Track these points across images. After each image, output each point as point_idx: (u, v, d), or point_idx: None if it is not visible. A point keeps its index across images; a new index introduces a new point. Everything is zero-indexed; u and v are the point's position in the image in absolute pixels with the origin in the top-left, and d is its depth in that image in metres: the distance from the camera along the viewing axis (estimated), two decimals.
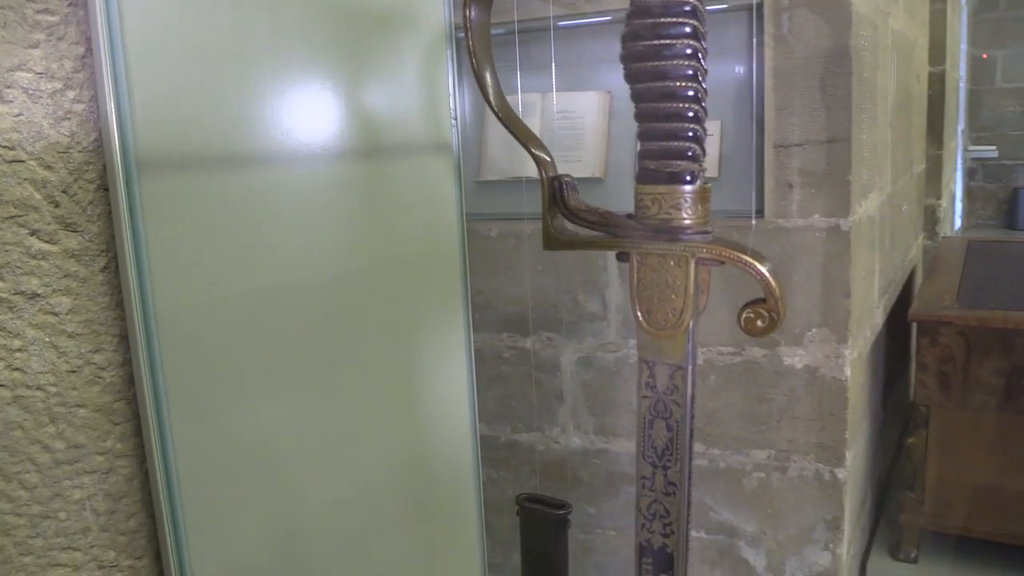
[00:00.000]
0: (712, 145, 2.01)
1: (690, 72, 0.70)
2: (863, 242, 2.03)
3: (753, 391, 2.02)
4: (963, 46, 5.31)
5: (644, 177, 0.70)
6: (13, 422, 0.60)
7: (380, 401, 1.01)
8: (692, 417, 0.70)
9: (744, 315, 0.70)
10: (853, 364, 1.97)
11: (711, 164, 1.99)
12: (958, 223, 5.34)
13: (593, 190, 2.09)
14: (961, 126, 5.47)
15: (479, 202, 2.19)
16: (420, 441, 1.10)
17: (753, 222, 1.93)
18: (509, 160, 2.16)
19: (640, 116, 0.74)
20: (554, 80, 2.11)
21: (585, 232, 0.76)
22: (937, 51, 3.84)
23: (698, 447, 2.07)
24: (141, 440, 0.69)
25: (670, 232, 0.69)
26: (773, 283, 0.67)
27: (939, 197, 4.09)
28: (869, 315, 2.23)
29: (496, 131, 2.18)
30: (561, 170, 2.17)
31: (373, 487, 0.99)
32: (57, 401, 0.64)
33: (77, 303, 0.65)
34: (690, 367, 0.70)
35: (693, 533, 2.14)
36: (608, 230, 0.73)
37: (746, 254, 0.68)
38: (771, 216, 1.93)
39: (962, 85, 5.40)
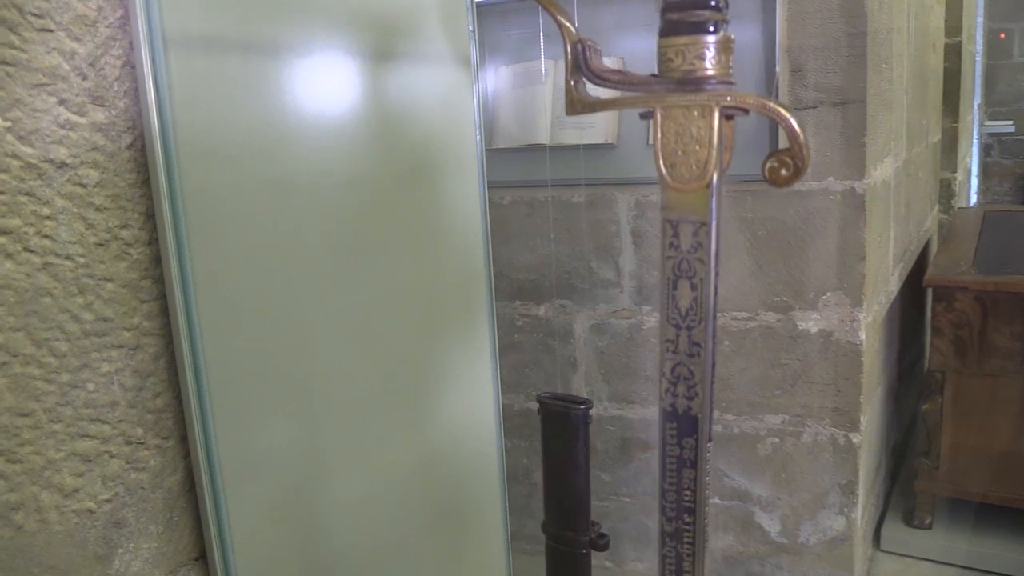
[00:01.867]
0: None
1: None
2: (878, 206, 2.02)
3: (767, 356, 2.02)
4: (979, 19, 5.25)
5: (666, 30, 0.69)
6: (43, 288, 0.62)
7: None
8: (716, 275, 0.70)
9: (768, 164, 0.69)
10: (868, 328, 1.97)
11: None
12: (974, 199, 5.29)
13: (605, 156, 2.09)
14: (977, 100, 5.41)
15: (491, 170, 2.17)
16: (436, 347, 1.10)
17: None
18: (520, 128, 2.16)
19: None
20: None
21: (607, 94, 0.76)
22: (953, 22, 3.80)
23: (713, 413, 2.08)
24: (167, 320, 0.70)
25: (694, 83, 0.68)
26: (798, 129, 0.67)
27: (955, 171, 4.05)
28: (884, 281, 2.21)
29: (507, 99, 2.18)
30: (573, 137, 2.17)
31: (388, 392, 0.99)
32: (85, 272, 0.65)
33: (104, 177, 0.67)
34: (714, 223, 0.70)
35: None
36: (631, 87, 0.72)
37: (770, 102, 0.68)
38: None
39: (978, 60, 5.34)
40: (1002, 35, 5.81)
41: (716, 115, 0.68)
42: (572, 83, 0.77)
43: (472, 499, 1.29)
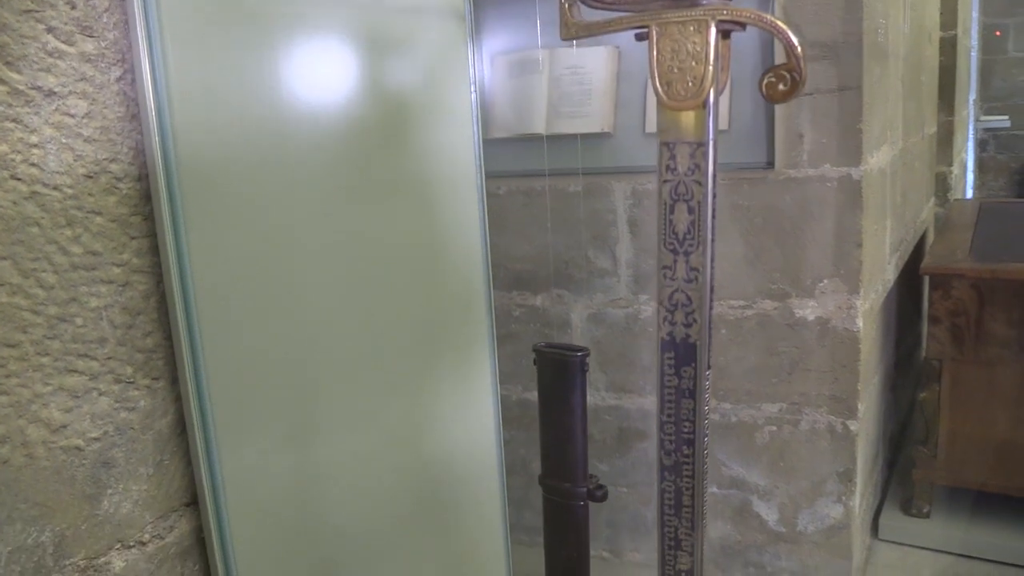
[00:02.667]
0: (722, 97, 1.99)
1: None
2: (875, 193, 2.02)
3: (764, 344, 2.02)
4: (975, 14, 5.25)
5: None
6: (30, 218, 0.61)
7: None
8: (714, 196, 0.70)
9: (766, 80, 0.69)
10: (865, 316, 1.96)
11: (721, 118, 1.98)
12: (970, 193, 5.29)
13: (602, 144, 2.08)
14: (973, 96, 5.42)
15: (487, 160, 2.17)
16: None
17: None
18: (516, 118, 2.15)
19: None
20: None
21: (602, 16, 0.75)
22: (949, 16, 3.81)
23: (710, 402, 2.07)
24: (158, 258, 0.70)
25: None
26: (795, 41, 0.66)
27: (950, 164, 4.06)
28: (881, 269, 2.21)
29: (503, 89, 2.17)
30: (570, 126, 2.16)
31: (384, 354, 0.98)
32: (74, 204, 0.64)
33: (93, 108, 0.66)
34: (711, 144, 0.69)
35: None
36: (627, 7, 0.71)
37: (767, 15, 0.68)
38: (781, 167, 1.92)
39: (974, 54, 5.35)
40: (997, 32, 5.82)
41: (712, 30, 0.68)
42: (567, 6, 0.76)
43: (470, 489, 1.29)
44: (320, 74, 0.87)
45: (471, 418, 1.23)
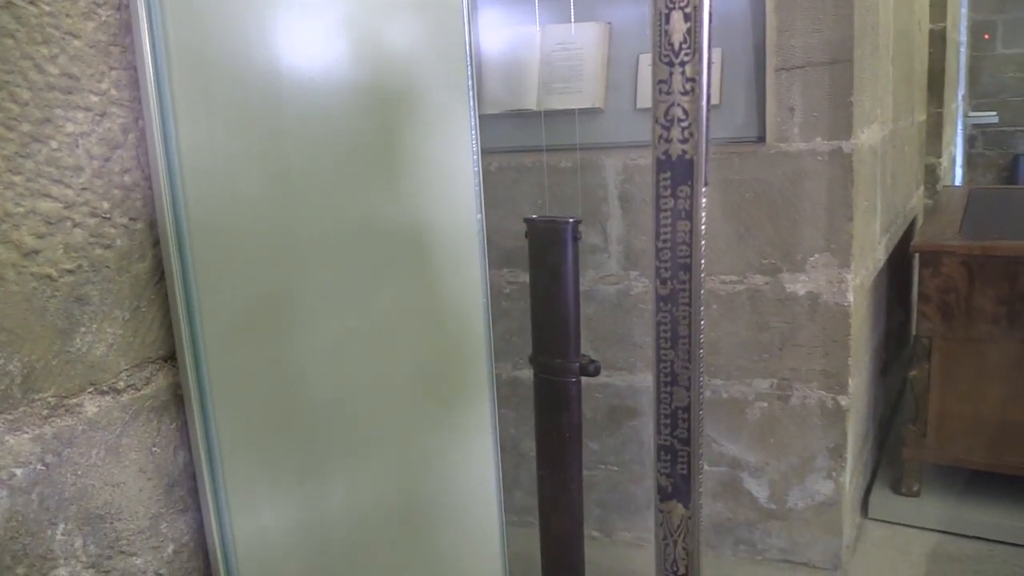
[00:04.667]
0: (713, 71, 1.99)
1: None
2: (865, 167, 2.02)
3: (755, 319, 2.01)
4: (963, 10, 5.28)
5: None
6: (5, 28, 0.58)
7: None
8: (710, 1, 0.69)
9: None
10: (856, 291, 1.96)
11: (712, 92, 1.97)
12: None
13: (593, 120, 2.08)
14: (962, 91, 5.44)
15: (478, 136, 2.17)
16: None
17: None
18: (508, 93, 2.15)
19: None
20: (572, 9, 2.09)
21: None
22: (938, 8, 3.83)
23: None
24: (138, 93, 0.68)
25: None
26: None
27: (939, 156, 4.08)
28: (872, 248, 2.22)
29: (495, 64, 2.17)
30: (561, 102, 2.16)
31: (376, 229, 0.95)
32: (51, 22, 0.62)
33: None
34: None
35: None
36: None
37: None
38: (773, 141, 1.92)
39: (963, 51, 5.38)
40: (986, 36, 5.87)
41: None
42: None
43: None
44: (310, 49, 0.84)
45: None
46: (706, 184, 0.64)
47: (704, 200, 0.64)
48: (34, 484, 0.61)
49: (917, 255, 2.20)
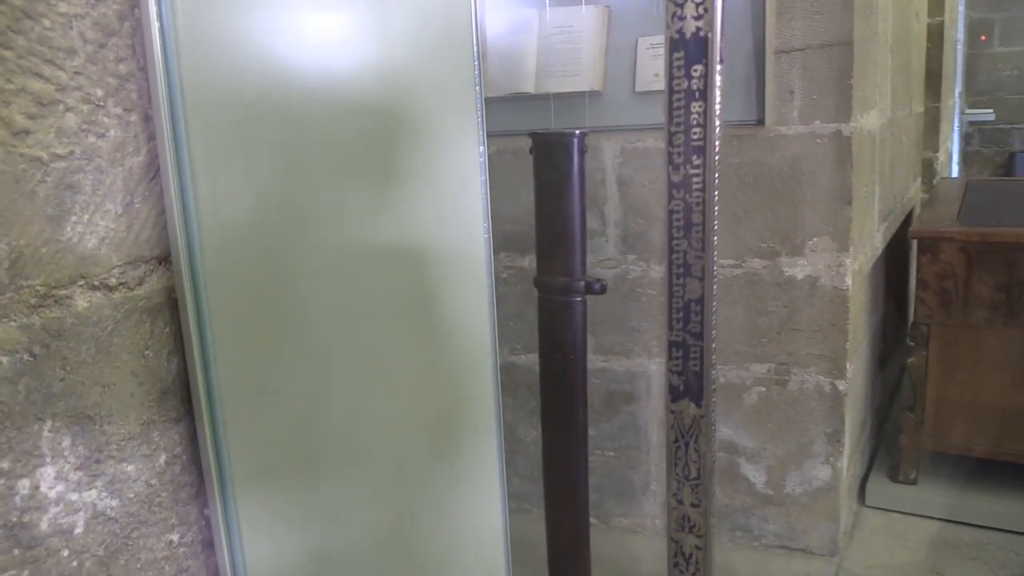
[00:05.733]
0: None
1: None
2: (864, 152, 2.01)
3: (754, 304, 2.01)
4: (961, 7, 5.29)
5: None
6: None
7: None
8: None
9: None
10: (855, 275, 1.96)
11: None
12: None
13: (591, 103, 2.07)
14: (959, 88, 5.45)
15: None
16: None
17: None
18: (507, 76, 2.14)
19: None
20: None
21: None
22: (935, 2, 3.83)
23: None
24: None
25: None
26: None
27: (936, 151, 4.08)
28: (871, 234, 2.21)
29: (493, 48, 2.16)
30: (560, 85, 2.14)
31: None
32: None
33: None
34: None
35: None
36: None
37: None
38: (772, 124, 1.91)
39: (960, 48, 5.38)
40: (983, 37, 5.88)
41: None
42: None
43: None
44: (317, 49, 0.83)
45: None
46: (721, 61, 0.63)
47: (719, 79, 0.63)
48: (20, 375, 0.59)
49: (915, 242, 2.20)
